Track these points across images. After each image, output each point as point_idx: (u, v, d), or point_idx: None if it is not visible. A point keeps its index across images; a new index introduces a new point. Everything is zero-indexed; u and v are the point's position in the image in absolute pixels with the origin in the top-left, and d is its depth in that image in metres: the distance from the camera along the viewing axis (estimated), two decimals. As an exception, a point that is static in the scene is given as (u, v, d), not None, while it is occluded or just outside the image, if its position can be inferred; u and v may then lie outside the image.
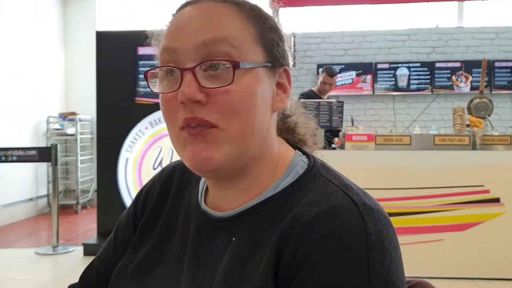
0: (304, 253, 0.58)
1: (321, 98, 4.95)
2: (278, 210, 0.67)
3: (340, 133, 4.04)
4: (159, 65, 0.69)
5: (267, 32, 0.70)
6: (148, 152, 4.56)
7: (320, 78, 5.18)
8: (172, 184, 0.86)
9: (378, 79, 7.06)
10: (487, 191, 3.60)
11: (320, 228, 0.59)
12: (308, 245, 0.59)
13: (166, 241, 0.79)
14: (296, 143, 0.81)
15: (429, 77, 7.00)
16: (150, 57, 4.46)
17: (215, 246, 0.71)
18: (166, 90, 0.67)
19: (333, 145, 3.98)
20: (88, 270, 0.91)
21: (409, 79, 7.03)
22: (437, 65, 6.99)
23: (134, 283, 0.77)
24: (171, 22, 0.70)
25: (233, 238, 0.69)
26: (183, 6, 0.70)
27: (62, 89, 7.34)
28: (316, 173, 0.70)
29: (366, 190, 0.68)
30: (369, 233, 0.58)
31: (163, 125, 4.49)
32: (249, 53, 0.67)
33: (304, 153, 0.77)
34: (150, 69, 0.69)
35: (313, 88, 5.32)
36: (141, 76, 4.54)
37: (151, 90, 0.69)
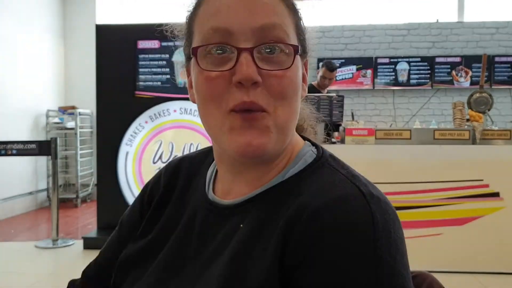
0: (311, 240, 0.58)
1: (320, 93, 4.95)
2: (285, 197, 0.67)
3: (340, 128, 4.04)
4: (204, 44, 0.66)
5: (299, 22, 0.72)
6: (148, 146, 4.56)
7: (320, 73, 5.17)
8: (179, 177, 0.86)
9: (378, 73, 7.06)
10: (486, 186, 3.60)
11: (328, 216, 0.59)
12: (315, 233, 0.59)
13: (171, 231, 0.79)
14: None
15: (429, 72, 7.00)
16: (149, 51, 4.48)
17: (222, 233, 0.71)
18: (214, 68, 0.65)
19: (333, 140, 3.98)
20: (89, 265, 0.91)
21: (409, 74, 7.02)
22: (437, 60, 6.99)
23: (137, 271, 0.77)
24: (208, 2, 0.68)
25: (241, 225, 0.69)
26: None
27: (62, 83, 7.33)
28: (324, 162, 0.71)
29: None
30: (376, 223, 0.58)
31: (163, 119, 4.49)
32: (293, 41, 0.68)
33: (313, 144, 0.77)
34: (202, 45, 0.66)
35: (312, 83, 5.31)
36: (141, 69, 4.54)
37: (199, 65, 0.66)
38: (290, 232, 0.61)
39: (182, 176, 0.86)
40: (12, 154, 4.53)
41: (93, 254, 0.91)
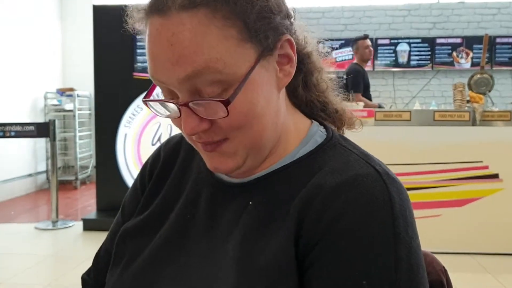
0: (329, 220, 0.58)
1: (364, 70, 5.09)
2: (297, 177, 0.66)
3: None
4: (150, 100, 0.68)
5: (254, 17, 0.60)
6: (146, 127, 4.54)
7: (361, 49, 5.09)
8: (180, 152, 0.84)
9: (378, 55, 7.01)
10: (486, 167, 3.60)
11: (345, 195, 0.59)
12: (333, 212, 0.58)
13: (172, 205, 0.77)
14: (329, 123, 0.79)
15: (429, 53, 6.95)
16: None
17: (231, 210, 0.69)
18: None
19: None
20: (98, 253, 0.89)
21: (409, 55, 6.98)
22: (438, 41, 6.94)
23: (138, 244, 0.75)
24: (146, 38, 0.62)
25: (250, 202, 0.68)
26: (151, 12, 0.60)
27: (60, 65, 7.28)
28: (335, 143, 0.70)
29: None
30: (393, 202, 0.59)
31: (162, 101, 4.47)
32: (238, 62, 0.59)
33: (321, 123, 0.76)
34: (148, 100, 0.67)
35: (355, 62, 5.26)
36: (139, 51, 4.50)
37: (157, 114, 0.68)
38: (306, 212, 0.61)
39: (183, 151, 0.84)
40: (10, 136, 4.53)
41: (93, 235, 0.89)
